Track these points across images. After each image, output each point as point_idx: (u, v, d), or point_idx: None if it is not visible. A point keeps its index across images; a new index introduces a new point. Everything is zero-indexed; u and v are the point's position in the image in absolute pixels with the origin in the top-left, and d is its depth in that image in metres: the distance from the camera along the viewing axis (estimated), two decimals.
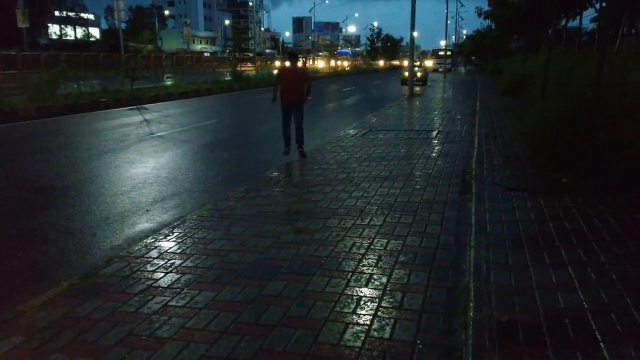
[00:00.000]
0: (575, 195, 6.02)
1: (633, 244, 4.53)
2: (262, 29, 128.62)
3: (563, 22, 20.64)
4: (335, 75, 50.94)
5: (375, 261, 4.43)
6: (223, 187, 7.46)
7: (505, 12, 22.26)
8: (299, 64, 10.28)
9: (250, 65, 50.46)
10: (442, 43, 74.02)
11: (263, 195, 6.59)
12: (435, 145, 10.09)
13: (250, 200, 6.37)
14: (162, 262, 4.49)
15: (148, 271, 4.32)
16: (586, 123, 6.62)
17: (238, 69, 31.70)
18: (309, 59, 67.97)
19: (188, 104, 20.56)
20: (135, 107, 18.53)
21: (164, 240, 5.06)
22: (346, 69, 64.64)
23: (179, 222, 5.58)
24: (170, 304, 3.76)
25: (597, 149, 6.41)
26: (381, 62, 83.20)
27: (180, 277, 4.19)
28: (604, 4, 15.29)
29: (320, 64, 72.60)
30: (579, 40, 24.50)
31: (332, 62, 65.39)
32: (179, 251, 4.74)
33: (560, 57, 17.63)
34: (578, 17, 19.13)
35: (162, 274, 4.25)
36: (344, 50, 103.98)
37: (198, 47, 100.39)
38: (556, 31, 22.34)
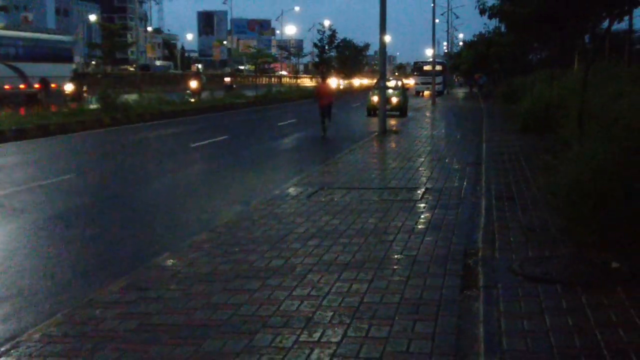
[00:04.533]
0: (634, 288, 6.21)
1: None
2: (150, 28, 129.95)
3: (605, 24, 21.87)
4: (267, 100, 51.62)
5: None
6: (85, 284, 7.34)
7: (520, 8, 23.43)
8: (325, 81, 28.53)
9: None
10: (429, 53, 76.66)
11: (150, 297, 6.49)
12: (422, 212, 10.28)
13: (129, 305, 6.25)
14: None
15: None
16: None
17: (111, 92, 31.67)
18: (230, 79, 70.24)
19: (27, 149, 20.31)
20: None
21: None
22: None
23: (9, 347, 5.39)
24: None
25: None
26: (333, 81, 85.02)
27: None
28: None
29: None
30: (630, 50, 25.93)
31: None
32: None
33: (604, 75, 18.56)
34: (627, 17, 20.29)
35: None
36: None
37: None
38: (596, 36, 23.61)
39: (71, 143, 22.49)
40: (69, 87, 39.72)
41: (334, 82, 35.80)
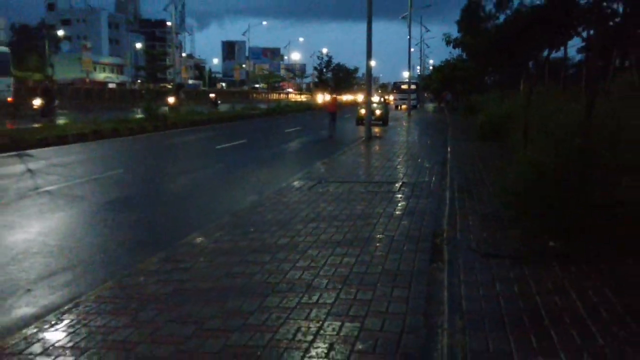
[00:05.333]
0: (567, 263, 6.24)
1: (636, 323, 4.71)
2: (184, 54, 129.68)
3: (545, 53, 21.90)
4: (277, 112, 51.61)
5: (325, 351, 4.42)
6: (131, 257, 7.31)
7: (477, 40, 23.45)
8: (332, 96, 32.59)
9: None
10: (405, 75, 76.51)
11: (182, 267, 6.50)
12: (399, 201, 10.29)
13: (166, 274, 6.26)
14: None
15: None
16: (575, 177, 6.95)
17: (153, 104, 31.52)
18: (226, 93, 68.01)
19: (86, 149, 20.26)
20: (15, 153, 18.10)
21: (51, 330, 4.87)
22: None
23: (71, 306, 5.40)
24: None
25: (590, 208, 6.71)
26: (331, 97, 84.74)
27: None
28: (590, 32, 16.38)
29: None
30: (565, 75, 25.98)
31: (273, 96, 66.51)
32: (70, 345, 4.58)
33: (544, 94, 18.58)
34: (562, 48, 20.34)
35: None
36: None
37: (101, 76, 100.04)
38: (538, 63, 23.64)
39: (121, 145, 22.45)
40: (37, 102, 30.39)
41: (331, 97, 36.62)
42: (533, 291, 5.47)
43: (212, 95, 53.16)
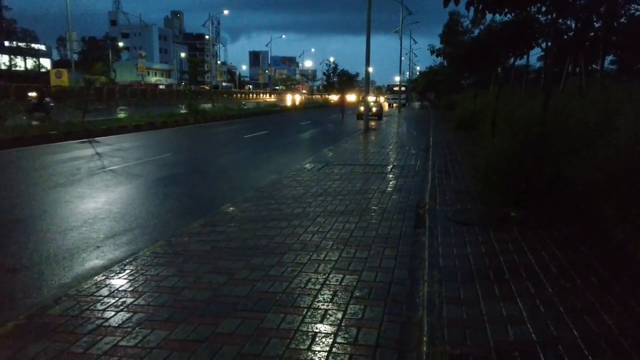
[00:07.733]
0: (524, 229, 6.25)
1: (578, 276, 4.74)
2: (219, 62, 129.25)
3: (511, 61, 21.66)
4: (293, 109, 51.44)
5: (330, 297, 4.47)
6: (177, 222, 7.39)
7: (456, 50, 23.25)
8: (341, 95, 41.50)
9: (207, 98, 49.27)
10: (397, 79, 76.00)
11: (218, 230, 6.56)
12: (390, 180, 10.31)
13: (205, 235, 6.33)
14: (112, 301, 4.40)
15: (98, 310, 4.22)
16: (532, 159, 6.93)
17: (194, 102, 31.40)
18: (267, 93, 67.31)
19: (142, 137, 20.33)
20: (86, 140, 18.21)
21: (115, 277, 4.96)
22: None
23: (131, 259, 5.49)
24: (120, 344, 3.68)
25: (543, 184, 6.71)
26: (336, 97, 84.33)
27: (132, 315, 4.12)
28: (548, 44, 16.19)
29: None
30: (527, 78, 25.76)
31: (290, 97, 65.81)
32: (130, 289, 4.66)
33: (509, 94, 18.43)
34: (525, 56, 20.13)
35: (112, 313, 4.17)
36: None
37: (153, 79, 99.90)
38: (505, 69, 23.40)
39: (169, 134, 22.51)
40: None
41: (340, 96, 39.55)
42: (496, 251, 5.50)
43: (32, 94, 26.51)
